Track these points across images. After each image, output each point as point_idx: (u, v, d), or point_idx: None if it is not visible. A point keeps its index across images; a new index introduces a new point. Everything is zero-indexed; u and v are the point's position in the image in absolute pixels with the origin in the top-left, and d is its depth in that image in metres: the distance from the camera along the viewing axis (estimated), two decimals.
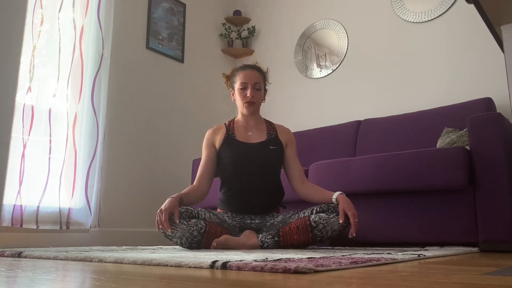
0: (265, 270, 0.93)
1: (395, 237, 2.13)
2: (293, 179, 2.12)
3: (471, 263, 1.19)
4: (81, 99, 2.70)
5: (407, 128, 2.73)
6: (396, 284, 0.72)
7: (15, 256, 1.60)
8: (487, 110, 2.45)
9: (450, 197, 2.01)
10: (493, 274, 0.88)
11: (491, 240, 1.88)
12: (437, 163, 2.00)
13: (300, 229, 1.86)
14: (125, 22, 3.15)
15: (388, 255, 1.37)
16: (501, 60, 2.66)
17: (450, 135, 2.37)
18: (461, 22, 2.92)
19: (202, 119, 3.62)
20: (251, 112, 2.14)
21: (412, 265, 1.11)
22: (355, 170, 2.23)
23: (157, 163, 3.19)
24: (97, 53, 2.80)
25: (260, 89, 2.14)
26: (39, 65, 2.54)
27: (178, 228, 1.80)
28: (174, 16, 3.54)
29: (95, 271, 1.01)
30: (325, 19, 3.59)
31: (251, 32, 3.95)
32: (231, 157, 2.08)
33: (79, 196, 2.61)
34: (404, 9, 3.17)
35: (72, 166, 2.60)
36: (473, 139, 1.98)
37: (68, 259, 1.38)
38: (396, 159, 2.12)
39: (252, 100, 2.10)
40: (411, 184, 2.05)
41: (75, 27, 2.73)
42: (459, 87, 2.85)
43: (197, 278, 0.84)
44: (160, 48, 3.38)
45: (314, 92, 3.55)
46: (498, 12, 1.15)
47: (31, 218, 2.37)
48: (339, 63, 3.44)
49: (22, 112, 2.42)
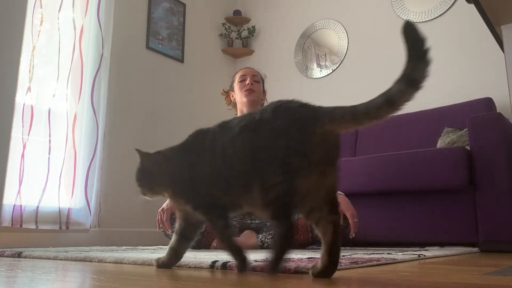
0: (265, 270, 0.93)
1: (395, 237, 2.13)
2: None
3: (471, 263, 1.19)
4: (81, 99, 2.70)
5: (407, 128, 2.73)
6: (396, 284, 0.72)
7: (15, 256, 1.59)
8: (487, 110, 2.45)
9: (450, 197, 2.01)
10: (493, 274, 0.88)
11: (491, 240, 1.88)
12: (437, 163, 2.00)
13: (301, 229, 1.86)
14: (125, 22, 3.15)
15: (388, 255, 1.37)
16: (501, 60, 2.65)
17: (450, 135, 2.36)
18: (461, 22, 2.92)
19: (202, 119, 3.62)
20: (251, 101, 2.12)
21: (412, 265, 1.11)
22: (355, 170, 2.23)
23: None
24: (97, 53, 2.80)
25: (259, 82, 2.17)
26: (38, 65, 2.53)
27: None
28: (174, 16, 3.54)
29: (95, 271, 1.01)
30: (325, 19, 3.59)
31: (251, 32, 3.95)
32: None
33: (79, 196, 2.61)
34: (404, 9, 3.17)
35: (72, 166, 2.60)
36: (473, 139, 1.98)
37: (68, 259, 1.38)
38: (396, 159, 2.12)
39: (251, 88, 2.11)
40: (411, 184, 2.05)
41: (75, 27, 2.73)
42: (459, 87, 2.85)
43: (197, 278, 0.84)
44: (160, 48, 3.38)
45: (314, 92, 3.55)
46: (498, 12, 1.15)
47: (31, 218, 2.37)
48: (339, 63, 3.44)
49: (22, 112, 2.41)
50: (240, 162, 0.85)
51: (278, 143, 0.79)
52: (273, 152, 0.79)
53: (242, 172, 0.85)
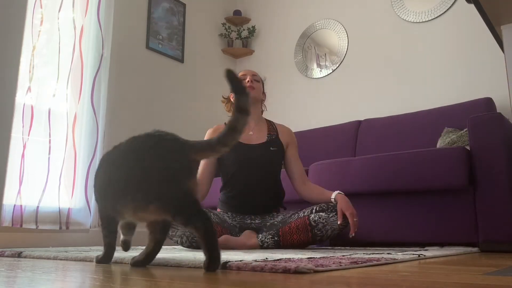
0: (265, 270, 0.93)
1: (395, 237, 2.13)
2: (295, 180, 2.12)
3: (471, 263, 1.19)
4: (81, 99, 2.70)
5: (407, 128, 2.73)
6: (396, 284, 0.72)
7: (15, 256, 1.60)
8: (487, 110, 2.45)
9: (450, 197, 2.01)
10: (493, 274, 0.88)
11: (491, 240, 1.88)
12: (437, 163, 2.00)
13: (300, 229, 1.86)
14: (125, 22, 3.15)
15: (388, 255, 1.37)
16: (501, 60, 2.66)
17: (450, 135, 2.37)
18: (461, 22, 2.92)
19: (202, 119, 3.62)
20: (252, 97, 2.12)
21: (412, 265, 1.11)
22: (355, 170, 2.23)
23: None
24: (97, 53, 2.80)
25: (258, 81, 2.18)
26: (39, 65, 2.53)
27: (179, 227, 1.80)
28: (174, 16, 3.54)
29: (95, 271, 1.01)
30: (325, 19, 3.59)
31: (251, 32, 3.95)
32: (231, 158, 2.08)
33: (79, 196, 2.61)
34: (404, 9, 3.17)
35: (72, 166, 2.60)
36: (473, 139, 1.98)
37: (68, 259, 1.38)
38: (396, 159, 2.12)
39: (251, 85, 2.12)
40: (411, 184, 2.05)
41: (75, 27, 2.73)
42: (459, 87, 2.85)
43: (197, 278, 0.84)
44: (160, 48, 3.38)
45: (314, 92, 3.55)
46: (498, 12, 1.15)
47: (31, 218, 2.37)
48: (339, 63, 3.44)
49: (22, 112, 2.41)
50: (130, 180, 1.01)
51: (161, 165, 0.99)
52: (159, 173, 0.98)
53: (133, 187, 1.00)
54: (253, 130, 2.17)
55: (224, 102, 2.31)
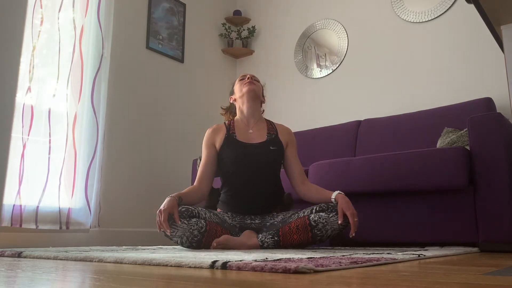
0: (265, 270, 0.93)
1: (395, 237, 2.13)
2: (294, 179, 2.12)
3: (471, 263, 1.19)
4: (81, 99, 2.70)
5: (407, 128, 2.73)
6: (396, 284, 0.72)
7: (15, 256, 1.60)
8: (487, 110, 2.45)
9: (450, 197, 2.01)
10: (493, 274, 0.88)
11: (491, 240, 1.88)
12: (437, 163, 2.00)
13: (300, 229, 1.86)
14: (125, 22, 3.15)
15: (388, 255, 1.37)
16: (501, 60, 2.66)
17: (450, 135, 2.37)
18: (461, 22, 2.92)
19: (202, 119, 3.62)
20: (252, 90, 2.12)
21: (412, 265, 1.11)
22: (355, 170, 2.23)
23: (157, 163, 3.19)
24: (97, 53, 2.80)
25: (258, 81, 2.20)
26: (39, 65, 2.54)
27: (179, 228, 1.80)
28: (174, 16, 3.54)
29: (95, 271, 1.01)
30: (325, 19, 3.59)
31: (251, 32, 3.95)
32: (231, 157, 2.08)
33: (79, 196, 2.61)
34: (404, 9, 3.17)
35: (72, 166, 2.60)
36: (473, 139, 1.98)
37: (68, 259, 1.38)
38: (396, 159, 2.12)
39: (252, 81, 2.14)
40: (411, 184, 2.05)
41: (75, 27, 2.73)
42: (459, 87, 2.85)
43: (197, 278, 0.84)
44: (160, 48, 3.38)
45: (314, 92, 3.55)
46: (498, 12, 1.15)
47: (31, 218, 2.37)
48: (339, 63, 3.44)
49: (22, 112, 2.41)
50: None
51: None
52: None
53: None
54: (253, 129, 2.16)
55: (223, 113, 2.33)
